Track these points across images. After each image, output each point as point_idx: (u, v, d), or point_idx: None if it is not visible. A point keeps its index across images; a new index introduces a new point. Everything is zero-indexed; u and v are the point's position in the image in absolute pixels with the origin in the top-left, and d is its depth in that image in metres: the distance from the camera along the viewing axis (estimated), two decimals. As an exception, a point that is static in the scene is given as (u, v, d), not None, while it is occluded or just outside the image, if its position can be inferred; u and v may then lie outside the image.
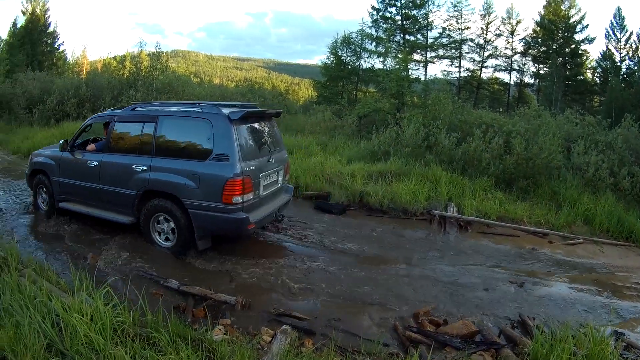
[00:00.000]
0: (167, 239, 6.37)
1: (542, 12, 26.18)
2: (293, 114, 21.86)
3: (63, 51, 43.51)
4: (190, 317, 4.98)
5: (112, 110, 7.80)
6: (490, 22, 25.27)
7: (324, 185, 9.93)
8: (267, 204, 6.58)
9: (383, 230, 7.84)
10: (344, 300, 5.31)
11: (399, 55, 17.44)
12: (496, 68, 25.79)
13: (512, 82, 25.82)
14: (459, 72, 25.62)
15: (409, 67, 16.46)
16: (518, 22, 25.36)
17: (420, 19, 23.38)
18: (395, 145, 11.78)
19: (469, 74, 25.92)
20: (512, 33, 25.29)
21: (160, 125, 6.45)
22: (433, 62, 24.81)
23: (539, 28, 25.82)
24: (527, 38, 25.59)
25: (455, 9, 24.82)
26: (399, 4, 23.06)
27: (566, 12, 25.99)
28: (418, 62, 23.45)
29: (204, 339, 4.12)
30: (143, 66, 21.65)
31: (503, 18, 25.43)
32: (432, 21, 23.79)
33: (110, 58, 44.23)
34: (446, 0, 39.62)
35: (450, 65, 25.54)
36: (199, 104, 6.58)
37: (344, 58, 22.12)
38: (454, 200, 9.02)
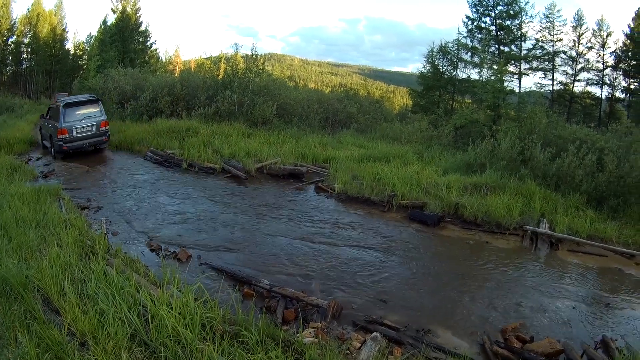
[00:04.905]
0: (52, 151, 14.89)
1: (632, 25, 24.16)
2: (389, 122, 21.61)
3: (155, 50, 44.11)
4: (280, 318, 5.09)
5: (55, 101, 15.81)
6: (582, 34, 23.69)
7: (420, 195, 9.88)
8: (81, 140, 14.41)
9: (476, 244, 8.04)
10: (432, 311, 5.59)
11: (494, 67, 17.11)
12: (588, 82, 24.20)
13: (603, 97, 24.11)
14: (552, 85, 24.49)
15: (504, 78, 16.05)
16: (609, 35, 23.48)
17: (514, 30, 22.51)
18: (491, 158, 11.70)
19: (562, 87, 24.61)
20: (603, 46, 23.49)
21: (55, 108, 14.75)
22: (527, 74, 23.81)
23: (628, 41, 23.83)
24: (617, 51, 23.70)
25: (547, 19, 23.72)
26: (493, 14, 22.39)
27: (655, 25, 23.51)
28: (512, 73, 22.66)
29: (294, 340, 4.15)
30: (239, 68, 21.18)
31: (594, 30, 23.75)
32: (526, 32, 22.88)
33: (204, 58, 44.50)
34: (539, 11, 37.66)
35: (544, 77, 24.46)
36: (64, 98, 15.35)
37: (440, 67, 21.48)
38: (546, 216, 8.83)
